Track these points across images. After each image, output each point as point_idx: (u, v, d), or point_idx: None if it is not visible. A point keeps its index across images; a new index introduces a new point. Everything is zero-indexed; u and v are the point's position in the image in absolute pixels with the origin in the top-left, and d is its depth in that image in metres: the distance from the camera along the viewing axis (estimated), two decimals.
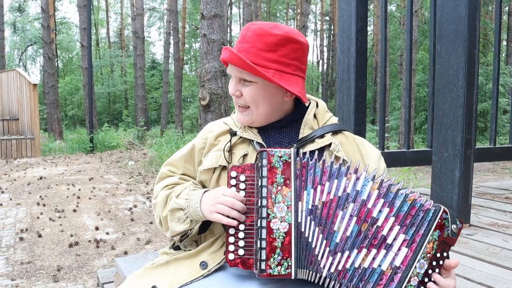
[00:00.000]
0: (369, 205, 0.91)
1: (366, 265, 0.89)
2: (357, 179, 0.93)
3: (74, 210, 4.45)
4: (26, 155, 9.35)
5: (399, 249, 0.89)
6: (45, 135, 15.06)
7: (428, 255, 0.89)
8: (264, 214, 0.92)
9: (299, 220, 0.92)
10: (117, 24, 34.63)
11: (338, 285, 0.91)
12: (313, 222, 0.92)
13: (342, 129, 1.13)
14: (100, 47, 32.35)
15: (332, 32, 28.42)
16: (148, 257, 1.88)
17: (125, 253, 3.16)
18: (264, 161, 0.94)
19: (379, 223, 0.90)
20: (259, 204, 0.93)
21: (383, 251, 0.89)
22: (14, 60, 29.54)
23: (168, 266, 1.06)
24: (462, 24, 2.38)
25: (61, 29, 28.80)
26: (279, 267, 0.90)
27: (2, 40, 20.10)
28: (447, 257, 0.91)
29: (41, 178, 6.41)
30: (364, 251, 0.90)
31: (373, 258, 0.89)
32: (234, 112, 1.19)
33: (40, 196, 5.10)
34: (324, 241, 0.92)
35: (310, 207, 0.93)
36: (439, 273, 0.91)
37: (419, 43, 17.86)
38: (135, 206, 4.65)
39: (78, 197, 5.08)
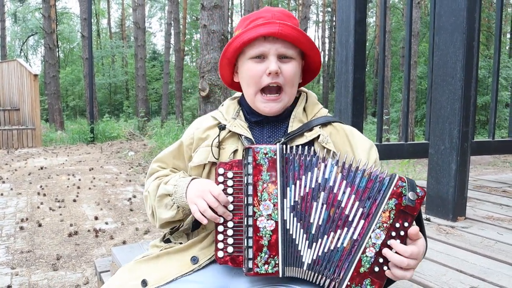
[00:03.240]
0: (335, 190, 0.90)
1: (332, 246, 0.89)
2: (325, 166, 0.92)
3: (74, 200, 4.48)
4: (27, 145, 9.38)
5: (357, 223, 0.88)
6: (46, 126, 15.08)
7: (385, 225, 0.85)
8: (250, 213, 0.91)
9: (285, 218, 0.91)
10: (118, 15, 34.45)
11: (316, 274, 0.90)
12: (295, 219, 0.91)
13: (331, 120, 1.10)
14: (101, 38, 32.21)
15: (334, 23, 28.19)
16: (144, 247, 1.89)
17: (124, 242, 3.19)
18: (250, 159, 0.92)
19: (342, 204, 0.89)
20: (246, 202, 0.92)
21: (345, 229, 0.89)
22: (16, 50, 29.45)
23: (159, 260, 1.05)
24: (461, 16, 2.37)
25: (62, 19, 28.66)
26: (266, 266, 0.89)
27: (3, 30, 20.05)
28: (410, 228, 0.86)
29: (41, 168, 6.44)
30: (332, 234, 0.89)
31: (338, 239, 0.89)
32: (223, 105, 1.17)
33: (41, 186, 5.13)
34: (304, 235, 0.91)
35: (292, 203, 0.91)
36: (404, 243, 0.86)
37: (421, 35, 17.74)
38: (134, 197, 4.68)
39: (78, 187, 5.10)
